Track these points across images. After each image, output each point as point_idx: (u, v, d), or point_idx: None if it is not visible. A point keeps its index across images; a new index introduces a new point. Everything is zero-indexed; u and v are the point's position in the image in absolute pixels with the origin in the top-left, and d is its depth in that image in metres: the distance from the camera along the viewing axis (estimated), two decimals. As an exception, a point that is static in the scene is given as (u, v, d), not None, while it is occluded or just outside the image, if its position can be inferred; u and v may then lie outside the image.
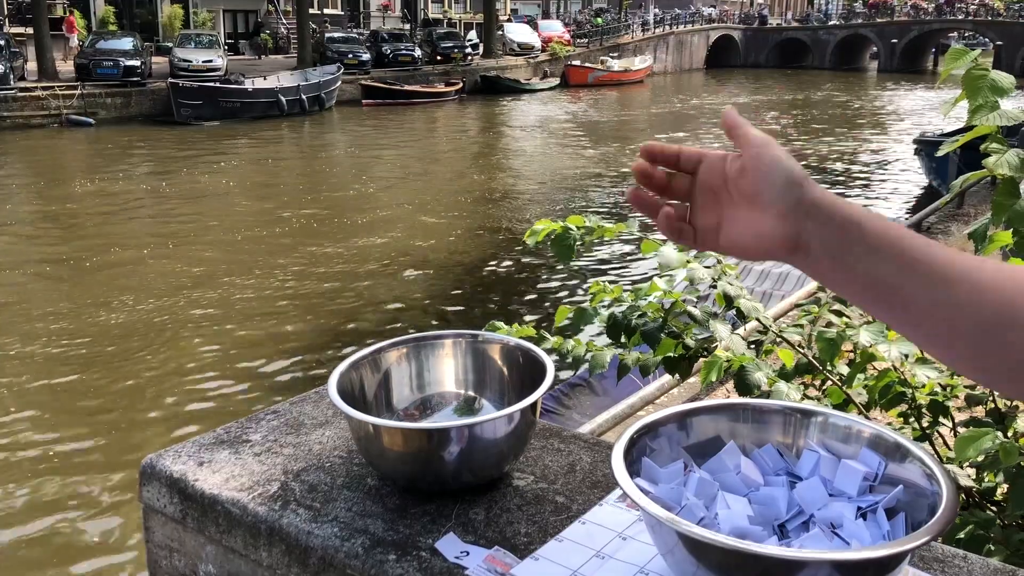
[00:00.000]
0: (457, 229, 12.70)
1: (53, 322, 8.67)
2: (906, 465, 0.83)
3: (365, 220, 13.31)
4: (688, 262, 2.19)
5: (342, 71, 27.00)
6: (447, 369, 1.13)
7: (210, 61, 24.99)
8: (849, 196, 15.35)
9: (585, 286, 9.06)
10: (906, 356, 1.78)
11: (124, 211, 13.93)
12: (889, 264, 0.66)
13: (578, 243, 2.39)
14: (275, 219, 13.06)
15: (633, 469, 0.84)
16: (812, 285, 6.55)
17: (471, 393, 1.12)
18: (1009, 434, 1.73)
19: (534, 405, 0.97)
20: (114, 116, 22.39)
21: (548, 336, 2.04)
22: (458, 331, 1.14)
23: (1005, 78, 1.56)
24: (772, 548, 0.75)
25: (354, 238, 12.19)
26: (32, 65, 23.23)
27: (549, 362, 1.02)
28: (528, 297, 9.94)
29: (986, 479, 1.81)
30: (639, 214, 0.75)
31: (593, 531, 0.92)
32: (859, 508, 0.82)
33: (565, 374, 5.07)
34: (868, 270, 0.67)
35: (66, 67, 23.53)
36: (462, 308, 9.38)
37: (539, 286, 10.30)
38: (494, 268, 10.87)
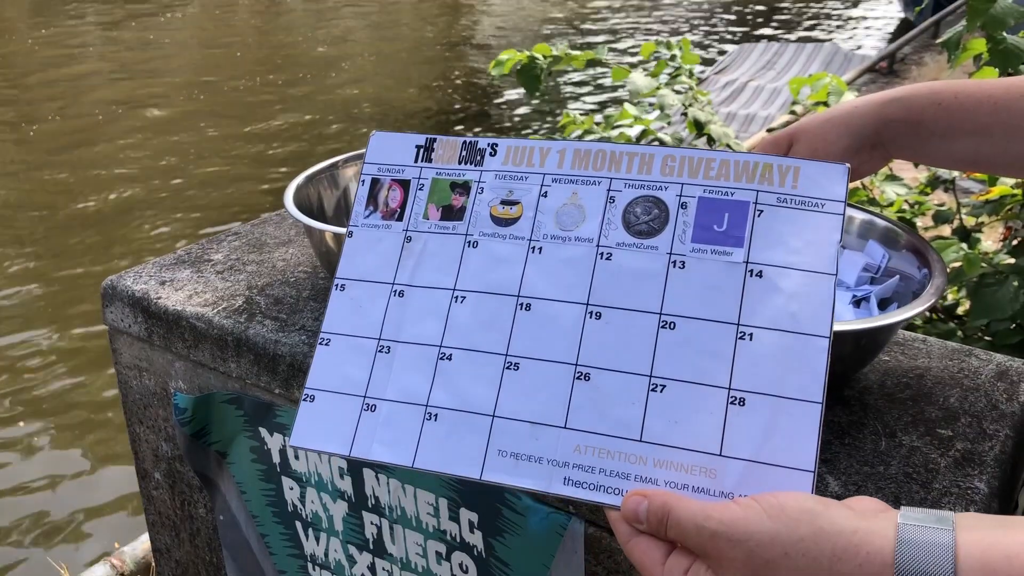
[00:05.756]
0: (420, 70, 12.37)
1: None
2: (905, 255, 0.82)
3: (324, 64, 12.90)
4: (658, 88, 2.14)
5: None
6: (409, 181, 1.10)
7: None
8: (822, 31, 15.02)
9: (556, 119, 8.91)
10: (875, 173, 1.77)
11: (71, 57, 13.37)
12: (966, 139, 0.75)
13: (545, 73, 2.32)
14: (231, 61, 12.62)
15: None
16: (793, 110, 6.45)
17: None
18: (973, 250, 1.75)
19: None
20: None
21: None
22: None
23: None
24: None
25: (314, 82, 11.85)
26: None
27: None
28: (496, 133, 9.80)
29: (949, 296, 1.85)
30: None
31: None
32: (854, 296, 0.81)
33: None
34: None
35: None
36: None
37: (506, 123, 10.15)
38: (461, 106, 10.66)
